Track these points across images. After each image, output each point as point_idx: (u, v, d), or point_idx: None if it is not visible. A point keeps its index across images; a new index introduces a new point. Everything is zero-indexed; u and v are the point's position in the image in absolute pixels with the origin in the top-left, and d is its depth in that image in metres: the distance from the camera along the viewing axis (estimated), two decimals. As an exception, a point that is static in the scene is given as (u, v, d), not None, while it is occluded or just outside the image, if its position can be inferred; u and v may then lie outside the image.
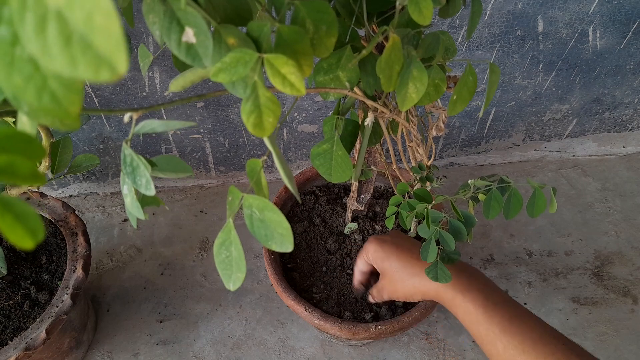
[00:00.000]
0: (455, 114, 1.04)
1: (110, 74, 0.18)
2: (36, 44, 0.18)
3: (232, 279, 0.27)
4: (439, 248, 0.56)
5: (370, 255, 0.66)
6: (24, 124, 0.28)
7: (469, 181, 0.53)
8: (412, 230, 0.74)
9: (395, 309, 0.74)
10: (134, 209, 0.31)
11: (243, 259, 0.27)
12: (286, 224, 0.28)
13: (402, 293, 0.62)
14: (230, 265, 0.28)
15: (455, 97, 0.39)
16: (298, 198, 0.37)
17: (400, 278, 0.62)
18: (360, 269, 0.70)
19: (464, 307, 0.56)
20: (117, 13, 0.18)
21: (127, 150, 0.29)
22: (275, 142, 0.35)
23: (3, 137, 0.19)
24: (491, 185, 0.52)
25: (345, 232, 0.81)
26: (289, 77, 0.29)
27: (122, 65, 0.18)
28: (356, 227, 0.80)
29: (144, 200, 0.31)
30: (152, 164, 0.29)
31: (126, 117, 0.28)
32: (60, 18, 0.17)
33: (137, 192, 0.30)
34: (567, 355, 0.50)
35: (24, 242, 0.19)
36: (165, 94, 0.90)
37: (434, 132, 0.51)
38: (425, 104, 0.39)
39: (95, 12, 0.17)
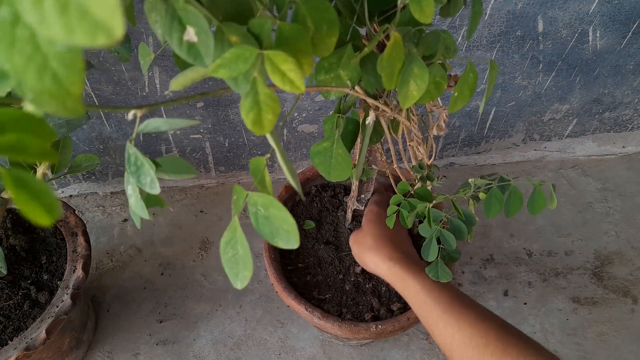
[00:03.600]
0: (456, 112, 1.04)
1: (106, 38, 0.18)
2: (34, 14, 0.18)
3: (239, 277, 0.27)
4: (439, 247, 0.56)
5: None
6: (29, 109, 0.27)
7: (470, 180, 0.53)
8: (412, 230, 0.74)
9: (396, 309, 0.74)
10: (138, 209, 0.31)
11: (250, 257, 0.27)
12: (291, 220, 0.28)
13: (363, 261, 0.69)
14: (237, 263, 0.28)
15: (456, 94, 0.39)
16: (301, 195, 0.37)
17: (364, 255, 0.68)
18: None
19: (413, 288, 0.59)
20: None
21: (131, 150, 0.29)
22: (278, 139, 0.35)
23: (13, 118, 0.19)
24: (491, 183, 0.52)
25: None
26: (288, 74, 0.29)
27: (118, 29, 0.18)
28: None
29: (148, 201, 0.31)
30: (157, 165, 0.29)
31: (130, 115, 0.28)
32: None
33: (141, 192, 0.30)
34: (500, 333, 0.53)
35: (41, 219, 0.19)
36: (165, 93, 0.90)
37: (435, 132, 0.51)
38: (426, 101, 0.39)
39: None
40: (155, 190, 0.28)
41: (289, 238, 0.28)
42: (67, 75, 0.20)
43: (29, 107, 0.25)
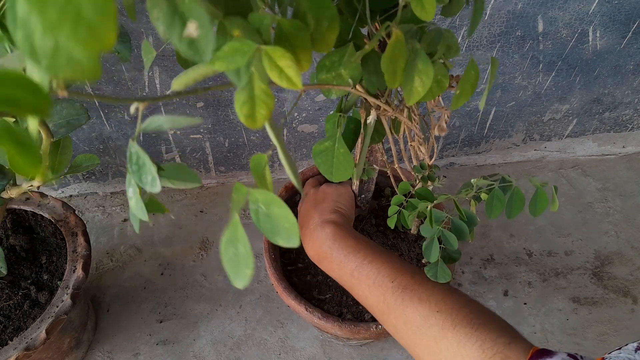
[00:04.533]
0: (456, 112, 1.04)
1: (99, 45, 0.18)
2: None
3: (240, 276, 0.27)
4: (440, 247, 0.56)
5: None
6: (33, 72, 0.27)
7: (472, 180, 0.53)
8: (413, 230, 0.74)
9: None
10: (138, 211, 0.31)
11: (251, 255, 0.27)
12: (292, 219, 0.28)
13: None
14: (238, 262, 0.27)
15: (458, 92, 0.39)
16: (301, 191, 0.37)
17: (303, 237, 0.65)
18: None
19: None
20: None
21: (133, 148, 0.29)
22: (280, 136, 0.35)
23: (7, 77, 0.19)
24: (493, 184, 0.52)
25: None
26: (285, 70, 0.29)
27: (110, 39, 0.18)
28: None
29: (148, 207, 0.31)
30: (160, 169, 0.29)
31: (132, 108, 0.28)
32: None
33: (142, 194, 0.30)
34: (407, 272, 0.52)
35: (27, 169, 0.20)
36: (167, 93, 0.90)
37: (436, 132, 0.51)
38: (428, 99, 0.39)
39: None
40: (157, 188, 0.28)
41: (289, 236, 0.28)
42: (102, 22, 0.20)
43: (33, 74, 0.25)
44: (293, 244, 0.28)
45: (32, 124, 0.38)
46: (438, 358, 0.49)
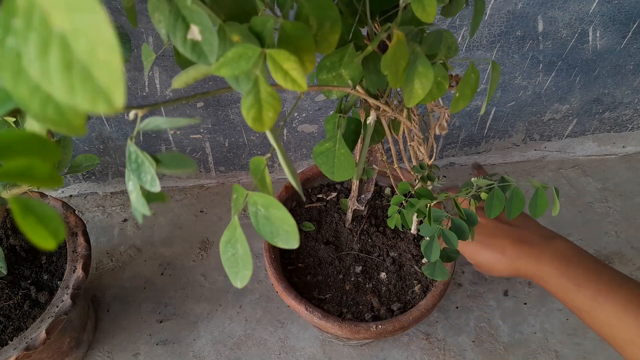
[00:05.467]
0: (455, 113, 1.04)
1: (107, 106, 0.18)
2: (37, 67, 0.18)
3: (239, 276, 0.27)
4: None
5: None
6: (33, 125, 0.28)
7: (472, 179, 0.53)
8: (413, 230, 0.74)
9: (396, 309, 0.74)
10: (139, 205, 0.31)
11: (249, 256, 0.27)
12: (291, 221, 0.28)
13: (498, 274, 0.67)
14: (237, 263, 0.28)
15: (457, 95, 0.39)
16: (301, 194, 0.37)
17: (494, 267, 0.66)
18: None
19: (558, 286, 0.59)
20: (119, 48, 0.18)
21: (132, 147, 0.29)
22: (279, 139, 0.35)
23: (19, 140, 0.19)
24: (493, 184, 0.52)
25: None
26: (290, 72, 0.29)
27: (119, 100, 0.18)
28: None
29: (149, 196, 0.31)
30: (157, 160, 0.29)
31: (131, 115, 0.28)
32: (63, 44, 0.18)
33: (142, 187, 0.30)
34: None
35: (46, 243, 0.20)
36: (168, 91, 0.90)
37: (437, 131, 0.51)
38: (428, 101, 0.39)
39: (98, 44, 0.17)
40: (156, 188, 0.29)
41: (288, 238, 0.28)
42: (69, 112, 0.20)
43: (32, 124, 0.25)
44: (292, 245, 0.28)
45: (40, 128, 0.38)
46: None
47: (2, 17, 0.18)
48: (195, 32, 0.26)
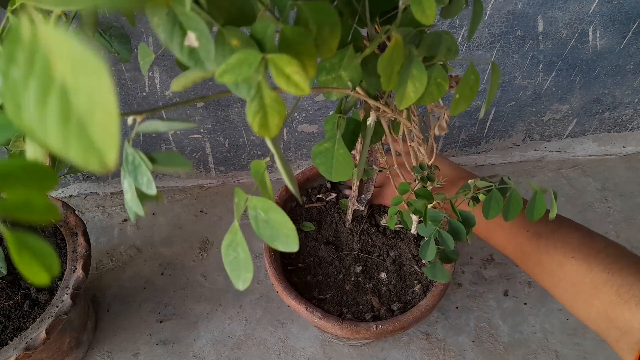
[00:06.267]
0: (457, 114, 1.04)
1: (98, 165, 0.18)
2: (35, 114, 0.18)
3: (241, 279, 0.28)
4: (437, 247, 0.56)
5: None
6: (34, 150, 0.28)
7: (470, 181, 0.53)
8: (412, 230, 0.74)
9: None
10: (134, 205, 0.31)
11: (250, 259, 0.27)
12: (291, 225, 0.28)
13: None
14: (238, 266, 0.28)
15: (457, 96, 0.39)
16: (299, 199, 0.37)
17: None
18: None
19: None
20: (117, 111, 0.18)
21: (128, 149, 0.29)
22: (277, 142, 0.35)
23: (18, 169, 0.19)
24: (491, 185, 0.52)
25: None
26: (293, 76, 0.29)
27: (111, 161, 0.18)
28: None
29: (143, 196, 0.31)
30: (153, 160, 0.29)
31: (130, 120, 0.28)
32: (63, 95, 0.18)
33: (137, 188, 0.30)
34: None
35: (40, 277, 0.20)
36: (166, 94, 0.90)
37: (436, 132, 0.51)
38: (427, 103, 0.39)
39: (98, 105, 0.17)
40: (152, 191, 0.29)
41: (288, 242, 0.28)
42: (105, 145, 0.20)
43: (30, 150, 0.25)
44: (292, 249, 0.28)
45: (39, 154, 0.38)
46: (576, 300, 0.51)
47: (7, 48, 0.18)
48: (192, 39, 0.26)
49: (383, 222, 0.77)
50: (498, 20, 0.85)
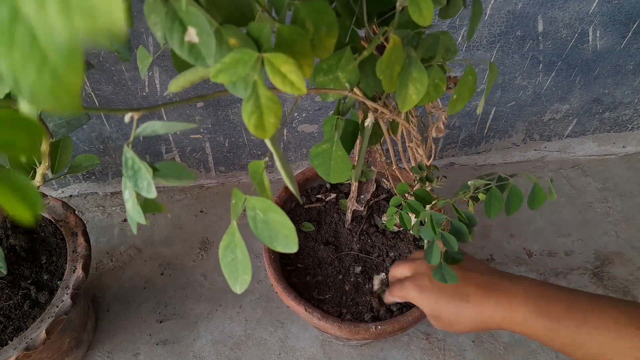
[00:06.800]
0: (455, 114, 1.04)
1: (108, 25, 0.18)
2: (33, 4, 0.18)
3: (239, 281, 0.27)
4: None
5: (414, 302, 0.64)
6: (25, 111, 0.27)
7: (469, 182, 0.53)
8: (412, 231, 0.74)
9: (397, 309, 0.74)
10: (135, 214, 0.31)
11: (248, 261, 0.27)
12: (290, 225, 0.28)
13: (461, 330, 0.61)
14: (236, 267, 0.28)
15: (455, 97, 0.39)
16: (299, 199, 0.37)
17: (456, 320, 0.60)
18: (392, 301, 0.70)
19: (537, 326, 0.55)
20: None
21: (128, 153, 0.29)
22: (276, 142, 0.35)
23: (6, 118, 0.19)
24: (490, 183, 0.52)
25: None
26: (289, 75, 0.29)
27: (121, 20, 0.18)
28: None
29: (145, 206, 0.31)
30: (155, 169, 0.29)
31: (127, 118, 0.28)
32: None
33: (138, 196, 0.30)
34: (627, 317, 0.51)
35: (24, 214, 0.19)
36: (164, 95, 0.90)
37: (433, 134, 0.51)
38: (425, 103, 0.39)
39: None
40: (152, 194, 0.29)
41: (287, 242, 0.28)
42: (66, 71, 0.20)
43: (24, 106, 0.25)
44: (291, 249, 0.28)
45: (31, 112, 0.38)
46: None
47: None
48: (192, 34, 0.26)
49: (383, 219, 0.77)
50: (498, 20, 0.85)
